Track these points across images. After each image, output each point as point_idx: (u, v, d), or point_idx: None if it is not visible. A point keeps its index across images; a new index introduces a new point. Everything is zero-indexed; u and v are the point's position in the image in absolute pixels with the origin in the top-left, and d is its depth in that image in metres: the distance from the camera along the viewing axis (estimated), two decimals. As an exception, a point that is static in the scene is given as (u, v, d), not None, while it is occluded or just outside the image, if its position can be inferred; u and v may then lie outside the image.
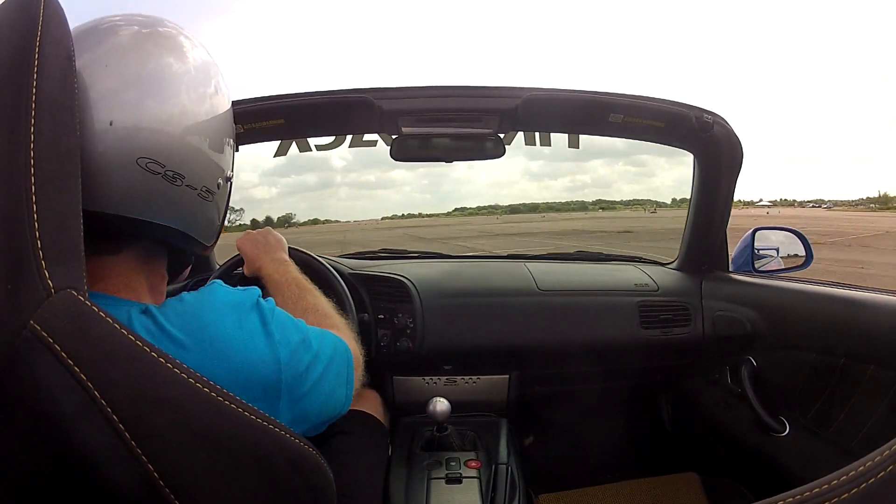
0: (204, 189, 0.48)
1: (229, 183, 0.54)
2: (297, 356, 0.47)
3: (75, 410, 0.29)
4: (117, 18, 0.45)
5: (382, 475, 0.90)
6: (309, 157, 1.26)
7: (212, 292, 0.47)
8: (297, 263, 1.03)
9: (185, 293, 0.46)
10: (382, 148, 1.17)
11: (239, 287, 0.49)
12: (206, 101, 0.47)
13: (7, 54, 0.34)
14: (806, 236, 1.23)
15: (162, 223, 0.45)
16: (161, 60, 0.44)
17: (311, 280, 1.02)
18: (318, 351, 0.50)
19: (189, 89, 0.45)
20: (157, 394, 0.32)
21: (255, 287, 0.50)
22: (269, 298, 0.51)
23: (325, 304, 0.69)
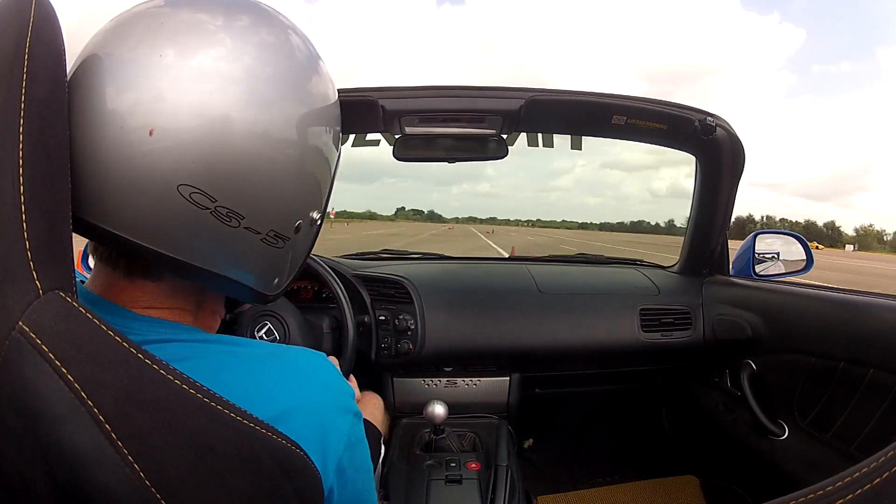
0: (272, 234, 0.39)
1: (317, 224, 0.44)
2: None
3: (63, 411, 0.30)
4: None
5: (377, 480, 0.89)
6: None
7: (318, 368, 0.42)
8: None
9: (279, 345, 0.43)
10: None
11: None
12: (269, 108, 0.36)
13: None
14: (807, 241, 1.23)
15: (208, 269, 0.38)
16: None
17: (310, 282, 1.01)
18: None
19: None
20: (144, 395, 0.32)
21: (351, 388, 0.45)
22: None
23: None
